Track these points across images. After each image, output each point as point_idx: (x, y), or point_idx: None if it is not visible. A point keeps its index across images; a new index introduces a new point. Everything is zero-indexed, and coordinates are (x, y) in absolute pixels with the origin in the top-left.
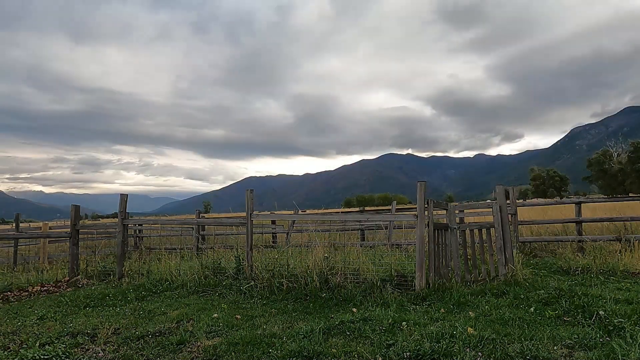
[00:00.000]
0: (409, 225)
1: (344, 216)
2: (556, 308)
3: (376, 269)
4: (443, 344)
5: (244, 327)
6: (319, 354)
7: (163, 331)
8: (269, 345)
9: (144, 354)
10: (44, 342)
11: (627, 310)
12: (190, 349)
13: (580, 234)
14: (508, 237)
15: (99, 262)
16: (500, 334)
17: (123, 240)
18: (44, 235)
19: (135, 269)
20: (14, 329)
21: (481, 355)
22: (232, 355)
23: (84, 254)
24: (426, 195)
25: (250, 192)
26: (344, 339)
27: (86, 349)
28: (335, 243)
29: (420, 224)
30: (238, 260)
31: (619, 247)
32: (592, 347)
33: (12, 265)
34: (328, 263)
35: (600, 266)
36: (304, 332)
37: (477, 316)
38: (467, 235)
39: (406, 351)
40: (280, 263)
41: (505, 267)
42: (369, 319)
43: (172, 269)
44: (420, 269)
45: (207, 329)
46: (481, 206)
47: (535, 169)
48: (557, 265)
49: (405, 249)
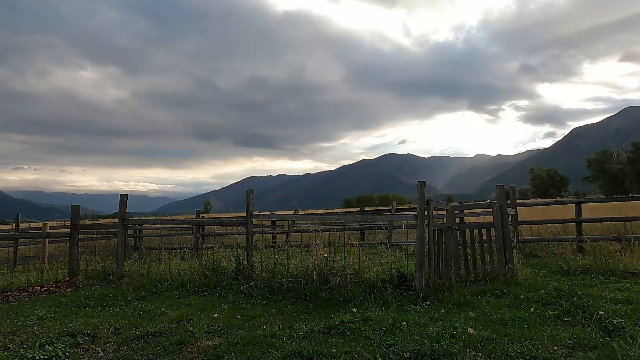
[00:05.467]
0: (409, 225)
1: (344, 216)
2: (556, 308)
3: (376, 269)
4: (443, 344)
5: (244, 327)
6: (319, 354)
7: (163, 331)
8: (269, 345)
9: (144, 354)
10: (44, 342)
11: (627, 310)
12: (190, 349)
13: (580, 234)
14: (508, 237)
15: (99, 262)
16: (500, 334)
17: (123, 241)
18: (44, 235)
19: (135, 269)
20: (14, 329)
21: (481, 355)
22: (232, 355)
23: (84, 254)
24: (426, 196)
25: (250, 192)
26: (344, 339)
27: (86, 349)
28: (335, 243)
29: (420, 224)
30: (238, 260)
31: (619, 247)
32: (592, 347)
33: (12, 266)
34: (328, 263)
35: (600, 266)
36: (304, 332)
37: (477, 316)
38: (467, 236)
39: (406, 351)
40: (280, 263)
41: (505, 267)
42: (369, 319)
43: (172, 269)
44: (420, 269)
45: (207, 329)
46: (481, 206)
47: (535, 169)
48: (557, 265)
49: (405, 249)
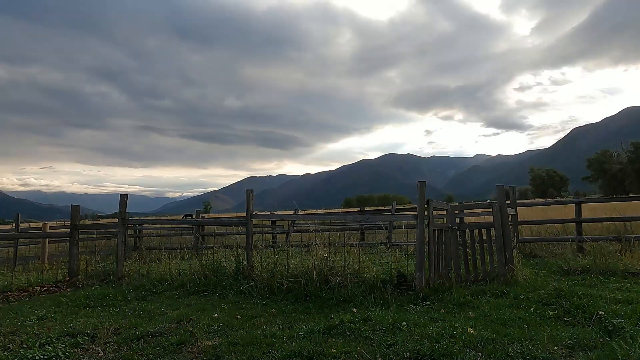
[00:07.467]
0: (409, 225)
1: (344, 216)
2: (556, 308)
3: (376, 269)
4: (443, 344)
5: (244, 327)
6: (319, 354)
7: (163, 331)
8: (269, 345)
9: (144, 354)
10: (44, 342)
11: (627, 310)
12: (190, 349)
13: (580, 234)
14: (508, 237)
15: (99, 262)
16: (500, 334)
17: (123, 241)
18: (44, 235)
19: (135, 269)
20: (14, 329)
21: (481, 355)
22: (232, 355)
23: (84, 254)
24: (426, 196)
25: (250, 192)
26: (344, 339)
27: (86, 349)
28: (335, 243)
29: (420, 224)
30: (238, 260)
31: (619, 247)
32: (592, 348)
33: (12, 265)
34: (328, 263)
35: (600, 266)
36: (304, 332)
37: (477, 316)
38: (467, 236)
39: (406, 351)
40: (280, 263)
41: (505, 267)
42: (369, 319)
43: (172, 269)
44: (420, 269)
45: (207, 329)
46: (481, 206)
47: (535, 169)
48: (557, 265)
49: (405, 249)
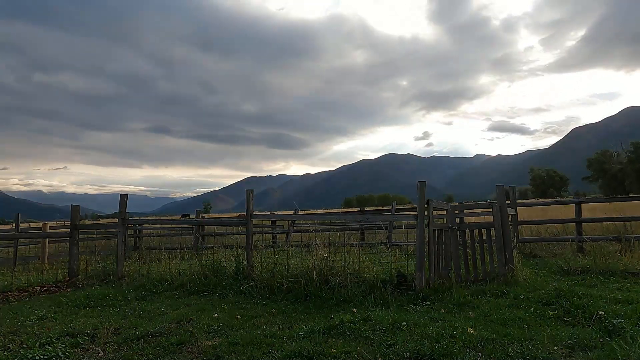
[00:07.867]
0: (409, 225)
1: (344, 216)
2: (556, 308)
3: (376, 269)
4: (443, 344)
5: (244, 327)
6: (319, 354)
7: (163, 331)
8: (269, 345)
9: (144, 354)
10: (44, 342)
11: (627, 310)
12: (190, 349)
13: (580, 234)
14: (508, 237)
15: (99, 262)
16: (500, 334)
17: (123, 241)
18: (44, 235)
19: (135, 269)
20: (14, 329)
21: (481, 355)
22: (232, 355)
23: (84, 254)
24: (426, 195)
25: (250, 192)
26: (344, 339)
27: (86, 349)
28: (335, 243)
29: (420, 224)
30: (238, 260)
31: (619, 247)
32: (592, 348)
33: (12, 266)
34: (328, 263)
35: (600, 266)
36: (304, 332)
37: (477, 316)
38: (467, 236)
39: (406, 351)
40: (280, 263)
41: (505, 267)
42: (369, 319)
43: (172, 269)
44: (420, 269)
45: (207, 329)
46: (481, 206)
47: (535, 169)
48: (557, 265)
49: (405, 249)
